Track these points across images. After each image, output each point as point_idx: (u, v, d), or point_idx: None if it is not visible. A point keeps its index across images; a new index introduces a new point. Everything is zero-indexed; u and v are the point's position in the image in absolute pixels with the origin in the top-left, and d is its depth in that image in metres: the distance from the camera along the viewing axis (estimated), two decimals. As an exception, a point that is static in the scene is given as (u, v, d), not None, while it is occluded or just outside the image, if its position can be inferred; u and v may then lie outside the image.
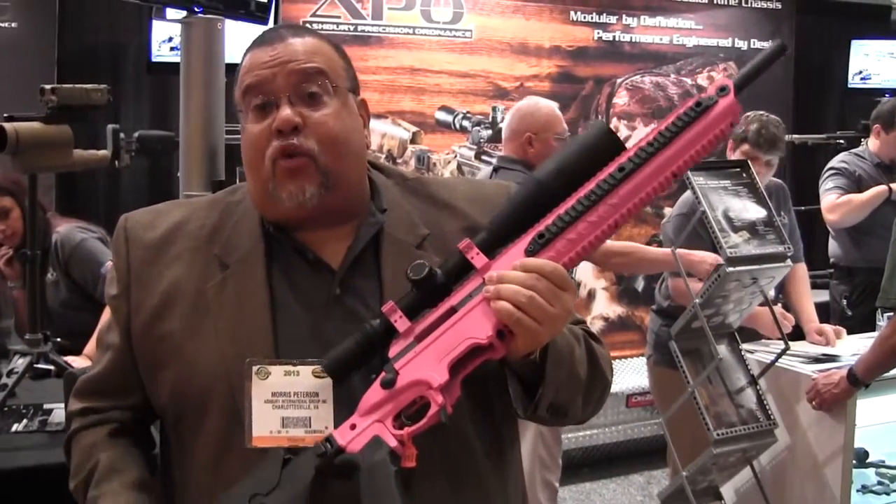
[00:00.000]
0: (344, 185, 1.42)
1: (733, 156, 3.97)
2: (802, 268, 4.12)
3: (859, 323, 4.53)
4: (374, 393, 1.26)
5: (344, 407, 1.30)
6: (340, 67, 1.46)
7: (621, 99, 5.79)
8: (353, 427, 1.25)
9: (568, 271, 1.25)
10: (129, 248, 1.50)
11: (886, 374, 3.48)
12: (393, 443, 1.23)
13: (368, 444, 1.24)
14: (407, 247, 1.44)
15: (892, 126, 4.94)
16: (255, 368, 1.35)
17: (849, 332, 4.16)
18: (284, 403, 1.34)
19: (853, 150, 5.18)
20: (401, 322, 1.26)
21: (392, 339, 1.27)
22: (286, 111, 1.38)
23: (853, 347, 3.83)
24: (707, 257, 3.51)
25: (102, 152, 3.28)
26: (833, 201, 4.81)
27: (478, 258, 1.27)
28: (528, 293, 1.21)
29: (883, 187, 4.77)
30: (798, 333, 3.91)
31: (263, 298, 1.40)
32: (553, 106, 3.76)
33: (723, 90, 1.24)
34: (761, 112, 4.08)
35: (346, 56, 1.50)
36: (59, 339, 3.32)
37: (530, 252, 1.25)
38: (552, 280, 1.22)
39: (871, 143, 5.07)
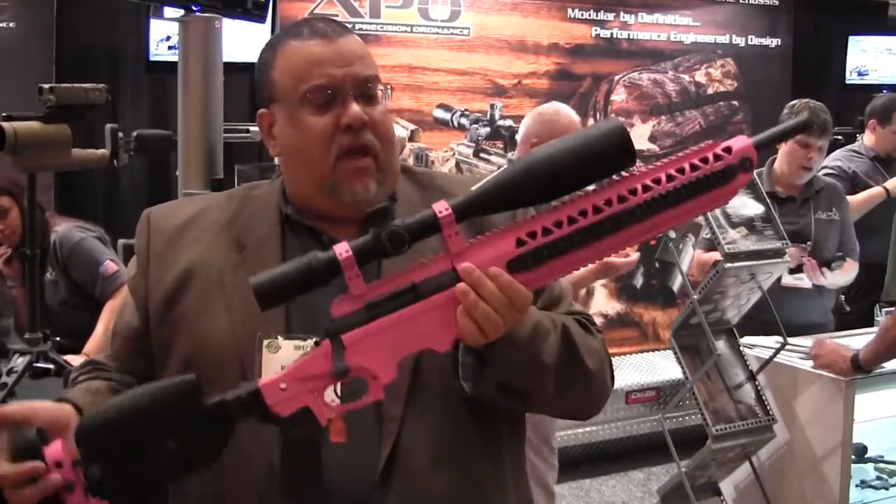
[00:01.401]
0: (391, 179, 1.50)
1: (784, 145, 4.01)
2: (852, 264, 4.12)
3: (858, 319, 4.54)
4: (317, 363, 1.21)
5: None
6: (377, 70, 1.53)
7: (619, 96, 5.78)
8: (283, 389, 1.21)
9: None
10: (150, 233, 1.55)
11: (885, 370, 3.49)
12: (322, 420, 1.21)
13: (296, 413, 1.21)
14: None
15: (887, 120, 4.98)
16: (265, 342, 1.39)
17: (847, 328, 4.17)
18: None
19: (848, 147, 5.20)
20: (347, 260, 1.18)
21: (334, 274, 1.19)
22: (356, 107, 1.43)
23: (851, 344, 3.83)
24: None
25: (101, 151, 3.28)
26: None
27: (454, 240, 1.21)
28: (496, 318, 1.21)
29: (879, 190, 4.78)
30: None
31: None
32: (572, 116, 3.53)
33: (747, 164, 1.21)
34: (806, 99, 4.12)
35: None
36: (58, 339, 3.32)
37: (515, 266, 1.21)
38: (518, 307, 1.22)
39: (867, 138, 5.09)
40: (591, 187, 1.22)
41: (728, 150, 1.22)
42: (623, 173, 1.21)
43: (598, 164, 1.20)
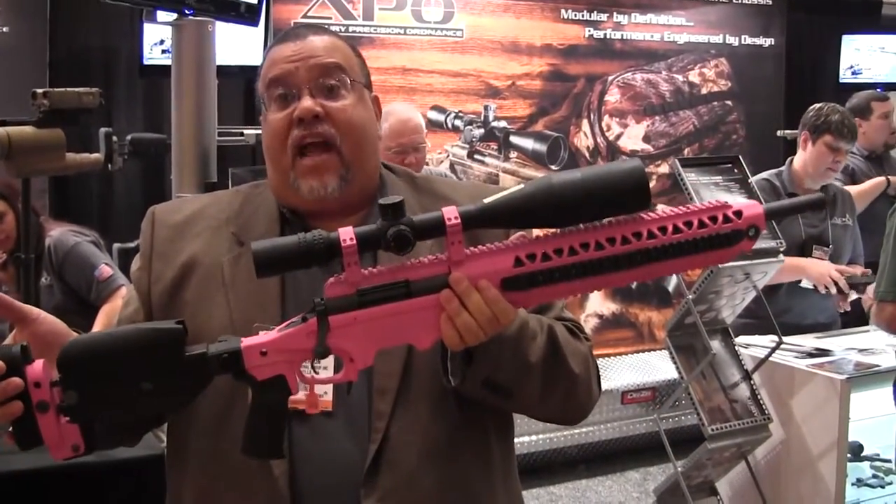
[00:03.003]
0: (361, 176, 1.51)
1: (811, 147, 4.02)
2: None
3: (854, 318, 4.55)
4: (298, 338, 1.24)
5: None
6: (356, 65, 1.57)
7: (613, 96, 5.79)
8: (263, 353, 1.24)
9: None
10: (154, 229, 1.59)
11: (880, 368, 3.50)
12: (295, 391, 1.24)
13: (271, 379, 1.24)
14: None
15: (868, 112, 5.02)
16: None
17: (843, 327, 4.18)
18: None
19: None
20: (349, 248, 1.19)
21: (333, 256, 1.21)
22: (307, 101, 1.46)
23: (846, 342, 3.85)
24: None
25: (95, 155, 3.28)
26: None
27: (455, 248, 1.22)
28: (477, 331, 1.23)
29: (881, 178, 4.82)
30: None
31: None
32: (402, 115, 3.63)
33: (753, 231, 1.23)
34: (832, 103, 4.14)
35: (360, 56, 1.60)
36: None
37: (508, 285, 1.22)
38: (501, 322, 1.24)
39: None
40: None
41: (739, 213, 1.22)
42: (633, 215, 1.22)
43: (612, 201, 1.21)
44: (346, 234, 1.19)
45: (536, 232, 1.28)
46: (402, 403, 1.42)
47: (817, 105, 4.10)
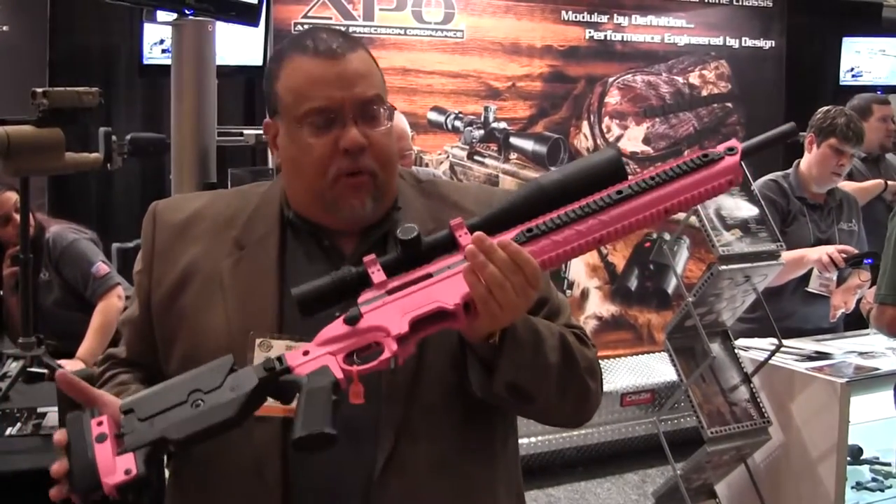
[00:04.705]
0: (389, 195, 1.52)
1: (816, 149, 4.03)
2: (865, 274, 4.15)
3: (854, 320, 4.55)
4: (335, 327, 1.29)
5: None
6: (383, 82, 1.53)
7: (613, 98, 5.78)
8: (305, 353, 1.28)
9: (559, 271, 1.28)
10: (155, 228, 1.58)
11: (879, 371, 3.50)
12: (340, 375, 1.26)
13: (316, 370, 1.27)
14: None
15: (868, 114, 5.03)
16: (258, 341, 1.42)
17: (843, 329, 4.18)
18: None
19: None
20: (377, 275, 1.30)
21: (364, 287, 1.31)
22: (355, 132, 1.43)
23: (846, 345, 3.85)
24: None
25: (94, 155, 3.28)
26: None
27: (464, 237, 1.31)
28: (504, 282, 1.26)
29: (879, 180, 4.83)
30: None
31: (273, 279, 1.48)
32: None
33: (731, 150, 1.33)
34: (840, 106, 4.16)
35: (378, 66, 1.55)
36: (52, 342, 3.32)
37: (516, 241, 1.29)
38: (527, 276, 1.27)
39: None
40: None
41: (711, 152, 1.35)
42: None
43: (597, 186, 1.33)
44: (373, 266, 1.31)
45: None
46: (412, 409, 1.42)
47: (825, 108, 4.11)
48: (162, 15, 4.64)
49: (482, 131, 5.38)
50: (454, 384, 1.43)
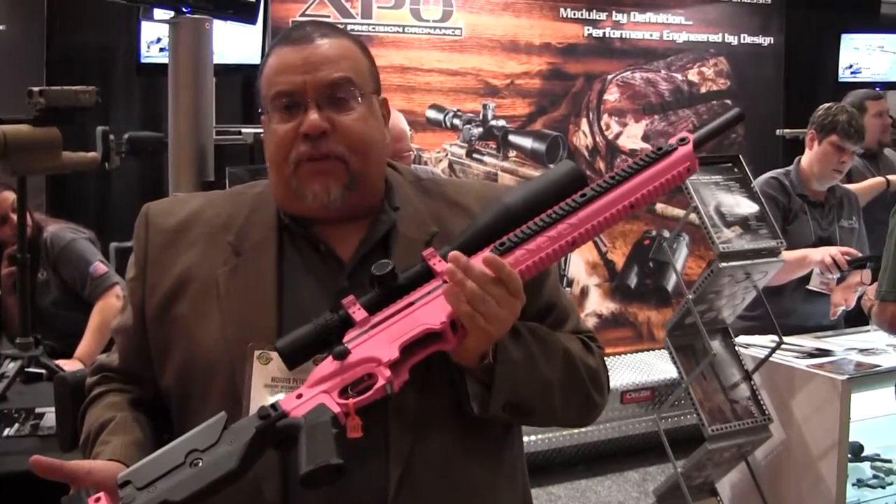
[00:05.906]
0: (367, 185, 1.48)
1: (817, 146, 4.02)
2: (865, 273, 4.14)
3: (854, 317, 4.54)
4: (325, 367, 1.29)
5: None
6: (366, 70, 1.49)
7: (612, 95, 5.78)
8: (299, 396, 1.28)
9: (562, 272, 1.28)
10: (148, 234, 1.54)
11: (880, 368, 3.49)
12: (337, 409, 1.26)
13: (312, 410, 1.26)
14: (416, 244, 1.46)
15: (862, 111, 5.03)
16: (256, 353, 1.39)
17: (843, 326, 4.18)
18: (284, 389, 1.37)
19: None
20: (358, 313, 1.32)
21: (348, 327, 1.32)
22: (314, 115, 1.41)
23: (847, 342, 3.84)
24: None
25: (92, 154, 3.27)
26: None
27: (439, 264, 1.33)
28: (484, 295, 1.27)
29: (880, 179, 4.82)
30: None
31: (271, 286, 1.44)
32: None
33: (683, 140, 1.39)
34: (842, 104, 4.15)
35: (370, 55, 1.53)
36: (50, 342, 3.31)
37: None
38: (508, 287, 1.29)
39: None
40: None
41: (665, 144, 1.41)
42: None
43: (561, 197, 1.36)
44: (353, 307, 1.32)
45: None
46: (420, 428, 1.39)
47: (826, 105, 4.09)
48: (159, 13, 4.64)
49: (481, 129, 5.37)
50: (459, 400, 1.41)
